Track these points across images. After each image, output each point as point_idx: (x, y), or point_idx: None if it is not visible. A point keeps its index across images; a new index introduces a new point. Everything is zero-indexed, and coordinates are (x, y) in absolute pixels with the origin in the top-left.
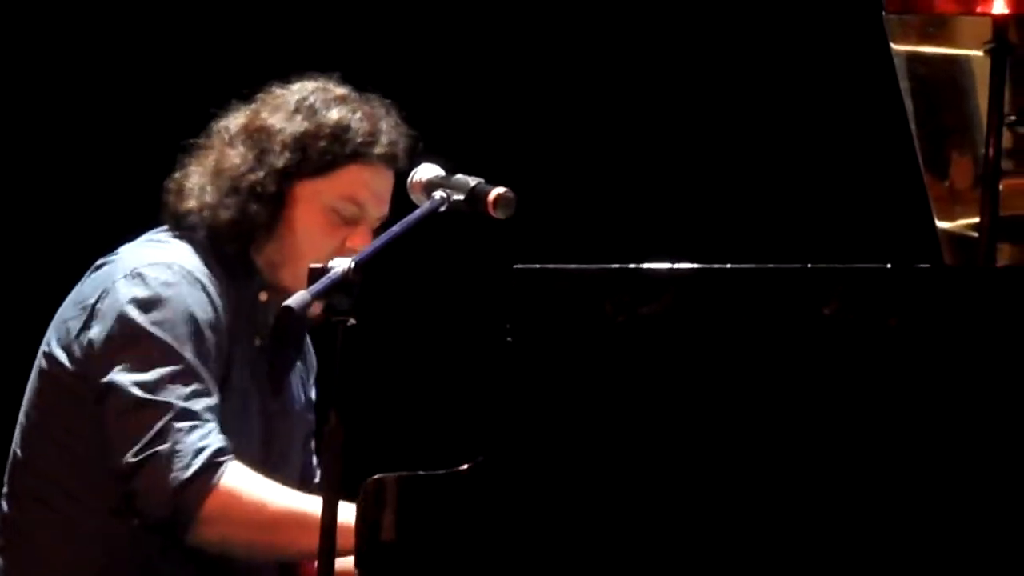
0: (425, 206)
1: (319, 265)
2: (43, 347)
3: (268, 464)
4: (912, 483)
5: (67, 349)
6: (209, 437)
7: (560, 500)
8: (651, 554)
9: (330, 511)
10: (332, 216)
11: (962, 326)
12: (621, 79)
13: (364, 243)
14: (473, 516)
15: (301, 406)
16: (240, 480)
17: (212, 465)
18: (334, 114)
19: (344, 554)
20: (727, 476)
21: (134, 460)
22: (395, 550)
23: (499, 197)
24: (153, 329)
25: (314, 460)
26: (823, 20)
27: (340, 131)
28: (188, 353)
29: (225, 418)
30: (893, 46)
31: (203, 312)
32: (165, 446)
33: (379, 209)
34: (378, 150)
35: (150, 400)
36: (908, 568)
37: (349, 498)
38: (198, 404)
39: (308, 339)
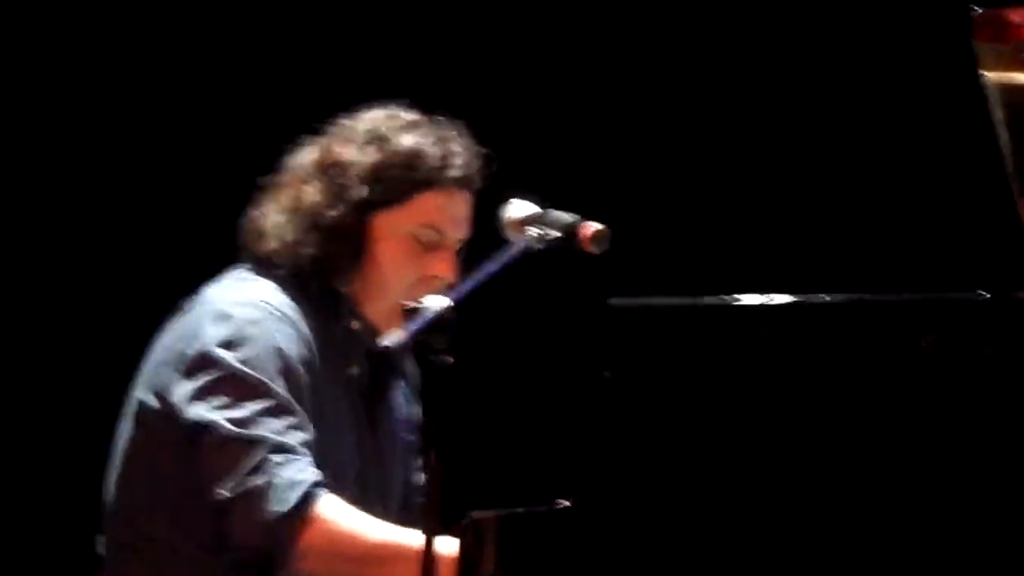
0: (521, 244)
1: (413, 304)
2: (136, 394)
3: (366, 491)
4: (1006, 511)
5: (159, 396)
6: (304, 471)
7: (660, 536)
8: None
9: (431, 551)
10: (412, 244)
11: None
12: (709, 115)
13: (446, 268)
14: (573, 554)
15: (403, 426)
16: (336, 513)
17: (308, 498)
18: (405, 141)
19: None
20: (832, 507)
21: (230, 495)
22: None
23: (595, 233)
24: (242, 367)
25: (414, 478)
26: (915, 51)
27: (413, 158)
28: (279, 388)
29: (321, 450)
30: (984, 74)
31: (291, 347)
32: (261, 480)
33: (458, 232)
34: (453, 173)
35: (244, 435)
36: None
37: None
38: (292, 438)
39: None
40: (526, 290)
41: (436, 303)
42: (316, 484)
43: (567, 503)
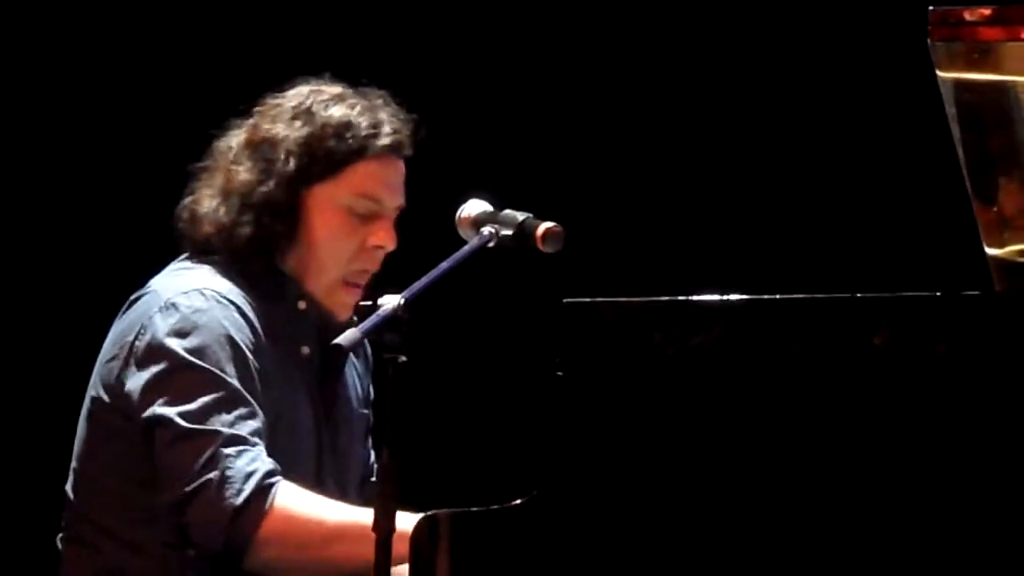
0: (474, 242)
1: (368, 302)
2: (89, 391)
3: (324, 471)
4: (964, 509)
5: (110, 390)
6: (257, 461)
7: (614, 533)
8: None
9: (384, 550)
10: (348, 216)
11: (1012, 353)
12: (668, 114)
13: (386, 237)
14: (527, 551)
15: (358, 403)
16: (292, 500)
17: (263, 488)
18: (334, 113)
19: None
20: (782, 506)
21: (186, 491)
22: None
23: (548, 232)
24: (192, 358)
25: (372, 456)
26: (869, 49)
27: (342, 129)
28: (230, 377)
29: (275, 434)
30: (939, 73)
31: (239, 333)
32: (215, 474)
33: (395, 200)
34: (383, 141)
35: (196, 430)
36: None
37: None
38: (244, 428)
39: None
40: (480, 288)
41: (390, 301)
42: (270, 472)
43: (521, 501)
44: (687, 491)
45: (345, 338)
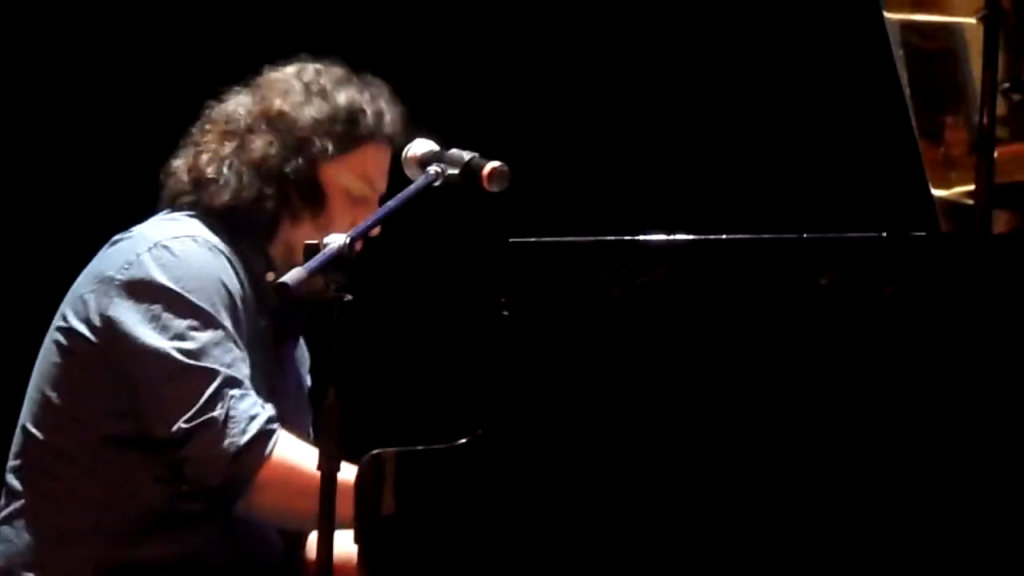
0: (420, 181)
1: (314, 242)
2: (58, 323)
3: None
4: (907, 453)
5: (87, 322)
6: (258, 405)
7: (558, 472)
8: (647, 526)
9: (327, 488)
10: (347, 196)
11: (958, 294)
12: (611, 51)
13: None
14: (471, 489)
15: (302, 389)
16: (292, 449)
17: (266, 432)
18: (346, 95)
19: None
20: (723, 446)
21: (187, 426)
22: (394, 524)
23: (494, 171)
24: (188, 295)
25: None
26: None
27: (356, 112)
28: (224, 319)
29: None
30: (886, 15)
31: (230, 282)
32: (219, 412)
33: (383, 186)
34: (387, 129)
35: (195, 367)
36: (891, 535)
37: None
38: (241, 371)
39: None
40: (426, 228)
41: (335, 240)
42: (272, 419)
43: (466, 440)
44: (630, 430)
45: (290, 276)
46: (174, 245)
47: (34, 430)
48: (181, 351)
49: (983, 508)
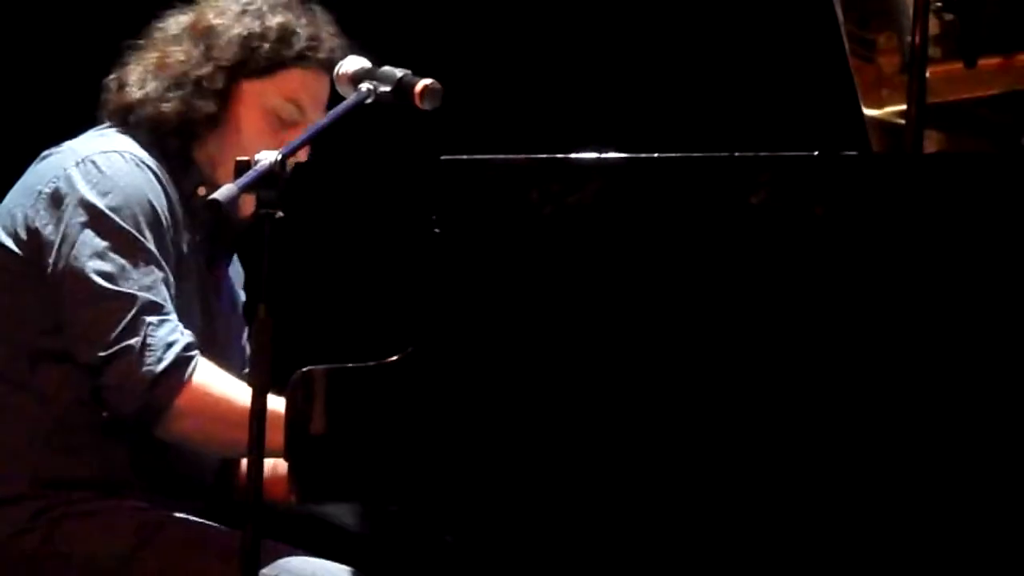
0: (352, 98)
1: (245, 158)
2: None
3: (211, 354)
4: (841, 375)
5: (15, 236)
6: (177, 332)
7: (488, 391)
8: (575, 440)
9: (259, 404)
10: (273, 117)
11: (890, 214)
12: None
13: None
14: (401, 407)
15: (236, 307)
16: (210, 376)
17: (184, 360)
18: (280, 18)
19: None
20: (651, 367)
21: (104, 354)
22: (324, 442)
23: (426, 88)
24: (111, 215)
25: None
26: None
27: (286, 34)
28: (147, 241)
29: (176, 308)
30: None
31: (157, 199)
32: (135, 339)
33: (317, 113)
34: (320, 55)
35: (113, 291)
36: (839, 472)
37: (279, 391)
38: (160, 295)
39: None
40: (357, 145)
41: (266, 157)
42: (189, 346)
43: (397, 358)
44: (561, 350)
45: (221, 192)
46: (101, 160)
47: None
48: (100, 273)
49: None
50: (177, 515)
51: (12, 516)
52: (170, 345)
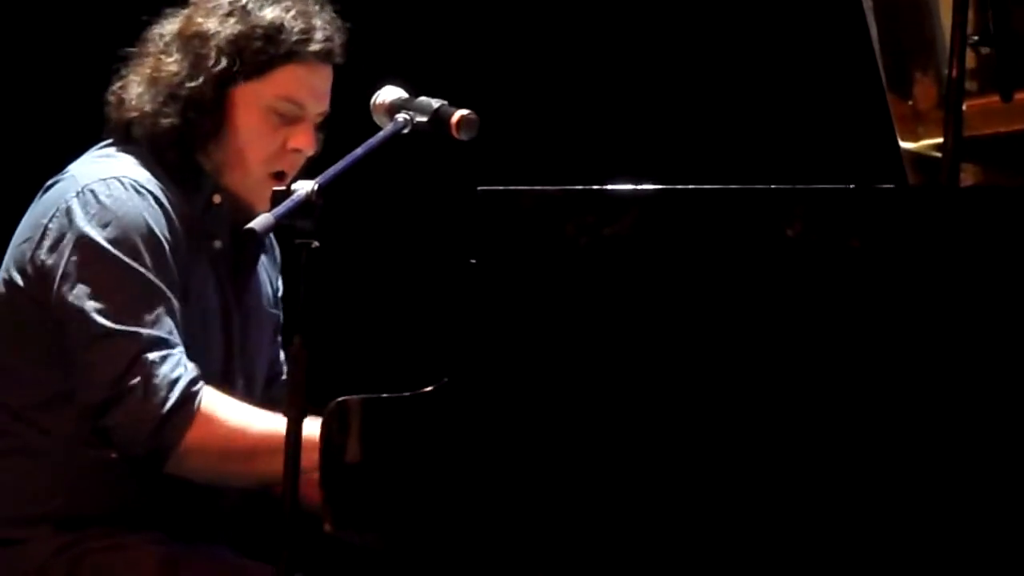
0: (388, 128)
1: (282, 188)
2: (1, 274)
3: (232, 367)
4: (875, 404)
5: (22, 272)
6: (180, 366)
7: (524, 423)
8: (613, 476)
9: (294, 436)
10: (272, 117)
11: (926, 247)
12: (585, 2)
13: (306, 141)
14: (437, 438)
15: (268, 301)
16: (217, 408)
17: (189, 396)
18: (267, 14)
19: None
20: (689, 397)
21: (108, 396)
22: (359, 471)
23: (463, 119)
24: (111, 248)
25: (282, 355)
26: None
27: (274, 31)
28: (148, 271)
29: (188, 327)
30: None
31: (157, 223)
32: (138, 380)
33: (319, 106)
34: (313, 47)
35: (115, 330)
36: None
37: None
38: (163, 328)
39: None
40: (394, 175)
41: (303, 187)
42: (194, 380)
43: (432, 388)
44: (597, 380)
45: (258, 222)
46: (100, 189)
47: None
48: (100, 312)
49: (951, 465)
50: (199, 548)
51: (33, 554)
52: (175, 383)
